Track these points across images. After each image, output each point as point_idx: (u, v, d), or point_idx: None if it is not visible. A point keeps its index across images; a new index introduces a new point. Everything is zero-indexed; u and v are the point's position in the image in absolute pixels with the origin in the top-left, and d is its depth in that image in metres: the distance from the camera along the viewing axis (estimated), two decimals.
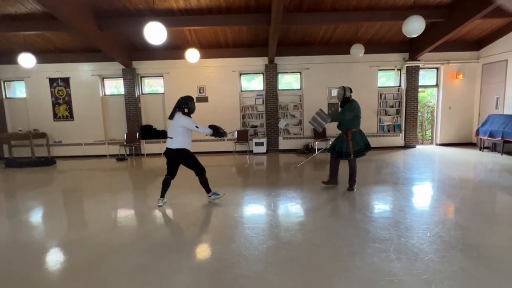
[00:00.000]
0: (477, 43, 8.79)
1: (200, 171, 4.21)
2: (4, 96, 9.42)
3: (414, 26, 4.89)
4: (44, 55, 8.69)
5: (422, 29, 4.99)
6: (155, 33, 4.87)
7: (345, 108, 4.49)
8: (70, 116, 9.26)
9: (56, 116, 9.26)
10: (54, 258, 2.85)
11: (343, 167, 5.03)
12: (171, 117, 4.06)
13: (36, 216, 4.11)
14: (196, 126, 4.01)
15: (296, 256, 2.70)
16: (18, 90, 9.57)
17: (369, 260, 2.59)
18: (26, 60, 7.28)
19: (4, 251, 3.01)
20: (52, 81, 9.11)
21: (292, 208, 4.08)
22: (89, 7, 6.67)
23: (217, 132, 4.15)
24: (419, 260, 2.57)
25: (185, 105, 4.07)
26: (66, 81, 9.13)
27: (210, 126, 4.16)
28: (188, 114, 4.11)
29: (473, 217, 3.56)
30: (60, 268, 2.65)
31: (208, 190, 4.33)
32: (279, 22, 6.50)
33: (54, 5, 5.74)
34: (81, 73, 9.12)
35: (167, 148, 4.10)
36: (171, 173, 4.21)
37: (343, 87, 4.58)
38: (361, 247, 2.83)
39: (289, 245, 2.92)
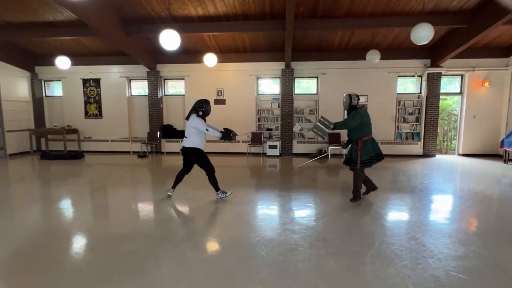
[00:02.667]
0: (506, 50, 8.33)
1: (209, 171, 4.52)
2: (44, 95, 10.41)
3: (422, 34, 4.83)
4: (79, 58, 9.49)
5: (430, 37, 4.90)
6: (170, 39, 5.24)
7: (349, 116, 4.32)
8: (99, 114, 10.03)
9: (87, 114, 10.08)
10: (76, 240, 3.24)
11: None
12: (187, 117, 4.49)
13: (63, 202, 4.60)
14: (207, 129, 4.34)
15: (271, 254, 2.86)
16: (56, 89, 10.52)
17: (342, 262, 2.69)
18: (63, 62, 8.05)
19: (34, 230, 3.46)
20: (85, 81, 9.93)
21: (284, 208, 4.22)
22: (117, 14, 7.25)
23: (226, 136, 4.44)
24: (392, 265, 2.63)
25: (200, 108, 4.41)
26: (97, 81, 9.91)
27: (223, 130, 4.47)
28: (203, 116, 4.43)
29: (465, 229, 3.50)
30: (79, 249, 3.03)
31: (216, 188, 4.63)
32: (292, 28, 6.68)
33: (85, 13, 6.34)
34: (110, 74, 9.85)
35: (182, 146, 4.51)
36: (186, 168, 4.64)
37: (349, 94, 4.37)
38: (339, 249, 2.93)
39: (270, 243, 3.08)
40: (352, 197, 4.56)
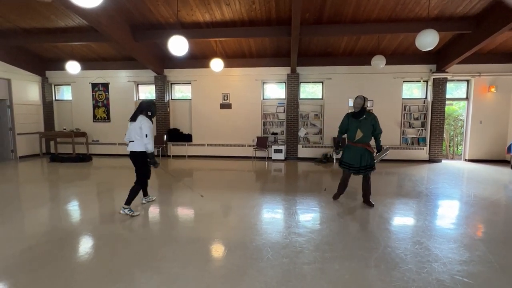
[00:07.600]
0: None
1: (142, 181, 4.25)
2: (54, 98, 10.63)
3: (427, 40, 4.87)
4: (88, 62, 9.71)
5: (435, 43, 4.94)
6: (178, 45, 5.35)
7: (376, 122, 4.51)
8: (107, 118, 10.20)
9: (95, 118, 10.26)
10: (86, 240, 3.33)
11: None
12: (134, 119, 4.09)
13: (72, 203, 4.70)
14: (146, 135, 4.02)
15: (277, 256, 2.91)
16: (65, 93, 10.73)
17: (347, 265, 2.73)
18: (73, 67, 8.26)
19: (45, 230, 3.56)
20: (94, 86, 10.13)
21: (289, 211, 4.26)
22: (127, 21, 7.42)
23: (152, 156, 4.18)
24: (397, 269, 2.65)
25: (148, 109, 4.16)
26: (106, 86, 10.10)
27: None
28: (150, 118, 4.19)
29: (471, 235, 3.50)
30: (90, 248, 3.11)
31: (129, 202, 4.14)
32: (298, 34, 6.77)
33: (97, 20, 6.51)
34: (119, 79, 10.03)
35: (131, 151, 4.15)
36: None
37: (363, 96, 4.44)
38: (344, 253, 2.96)
39: (276, 245, 3.12)
40: (367, 202, 4.62)
